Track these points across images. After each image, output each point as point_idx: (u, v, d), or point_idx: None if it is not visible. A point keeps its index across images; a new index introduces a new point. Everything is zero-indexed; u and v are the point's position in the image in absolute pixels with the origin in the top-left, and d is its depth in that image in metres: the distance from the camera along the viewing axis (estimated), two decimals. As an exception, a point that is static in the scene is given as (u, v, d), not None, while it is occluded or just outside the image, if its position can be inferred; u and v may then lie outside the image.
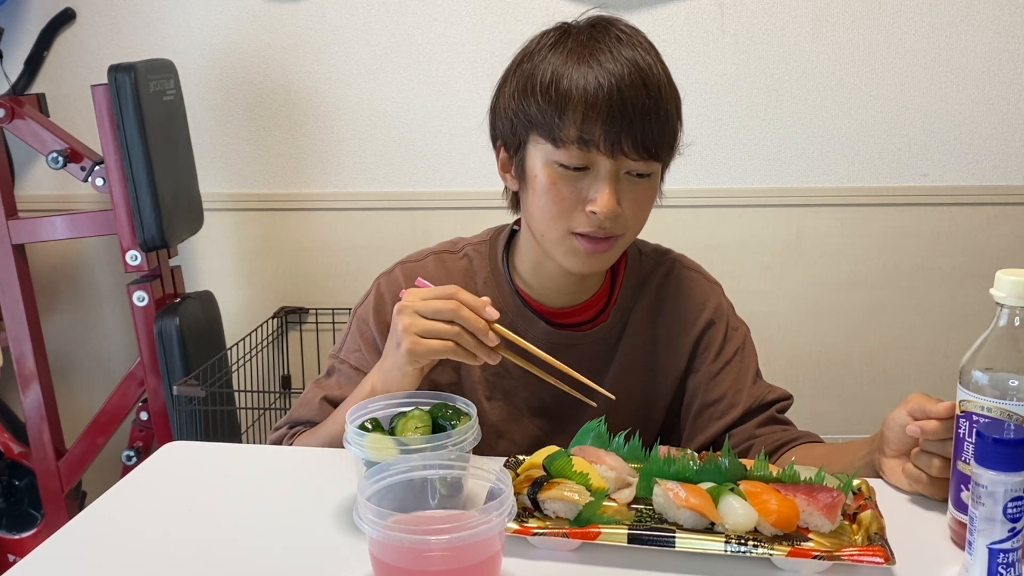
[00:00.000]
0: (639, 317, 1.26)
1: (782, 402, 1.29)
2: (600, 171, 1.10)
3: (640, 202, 1.14)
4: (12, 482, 2.43)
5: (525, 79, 1.13)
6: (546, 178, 1.12)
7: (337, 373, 1.27)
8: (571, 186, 1.11)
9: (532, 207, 1.16)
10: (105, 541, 0.99)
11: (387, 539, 0.81)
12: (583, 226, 1.12)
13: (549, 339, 1.22)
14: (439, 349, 1.03)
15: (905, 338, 2.36)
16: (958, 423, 0.94)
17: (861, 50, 2.25)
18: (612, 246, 1.14)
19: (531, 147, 1.14)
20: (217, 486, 1.11)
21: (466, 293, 1.03)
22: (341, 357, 1.27)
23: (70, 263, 2.52)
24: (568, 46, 1.11)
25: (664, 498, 0.94)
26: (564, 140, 1.09)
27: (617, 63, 1.08)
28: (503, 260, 1.26)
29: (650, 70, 1.10)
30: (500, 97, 1.18)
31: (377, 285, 1.28)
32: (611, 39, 1.10)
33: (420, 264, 1.28)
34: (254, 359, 2.29)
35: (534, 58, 1.13)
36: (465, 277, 1.26)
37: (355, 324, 1.27)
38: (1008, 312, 0.90)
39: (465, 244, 1.30)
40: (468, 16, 2.30)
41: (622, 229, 1.13)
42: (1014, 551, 0.81)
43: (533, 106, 1.11)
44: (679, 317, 1.27)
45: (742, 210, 2.34)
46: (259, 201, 2.44)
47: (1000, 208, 2.30)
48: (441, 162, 2.38)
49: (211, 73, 2.39)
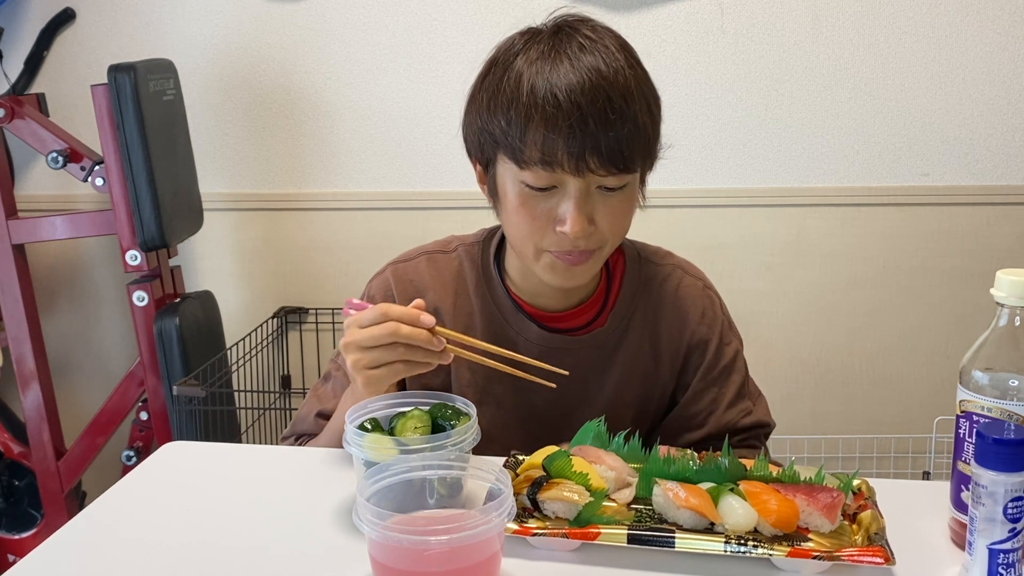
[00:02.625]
0: (638, 324, 1.24)
1: (757, 429, 1.26)
2: (568, 190, 1.06)
3: (616, 214, 1.09)
4: (12, 482, 2.43)
5: (489, 96, 1.09)
6: (516, 198, 1.09)
7: (332, 381, 1.26)
8: (541, 205, 1.07)
9: (507, 225, 1.14)
10: (105, 541, 0.99)
11: (386, 540, 0.81)
12: (556, 245, 1.09)
13: (543, 342, 1.20)
14: (391, 374, 1.01)
15: (905, 338, 2.36)
16: (958, 423, 0.93)
17: (861, 50, 2.25)
18: (589, 259, 1.11)
19: (500, 165, 1.11)
20: (217, 486, 1.11)
21: (396, 308, 1.00)
22: (338, 363, 1.26)
23: (70, 263, 2.52)
24: (530, 56, 1.06)
25: (664, 498, 0.94)
26: (528, 161, 1.04)
27: (577, 73, 1.03)
28: (495, 263, 1.24)
29: (616, 76, 1.04)
30: (468, 113, 1.14)
31: (369, 288, 1.27)
32: (573, 47, 1.05)
33: (411, 264, 1.26)
34: (254, 359, 2.29)
35: (497, 71, 1.09)
36: (457, 278, 1.24)
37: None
38: (1008, 312, 0.90)
39: (458, 244, 1.27)
40: (468, 16, 2.30)
41: (598, 244, 1.10)
42: (1014, 551, 0.81)
43: (496, 127, 1.07)
44: (676, 326, 1.24)
45: (742, 210, 2.34)
46: (259, 201, 2.44)
47: (1000, 208, 2.30)
48: (441, 162, 2.38)
49: (211, 73, 2.39)
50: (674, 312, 1.24)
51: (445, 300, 1.23)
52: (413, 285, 1.24)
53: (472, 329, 1.22)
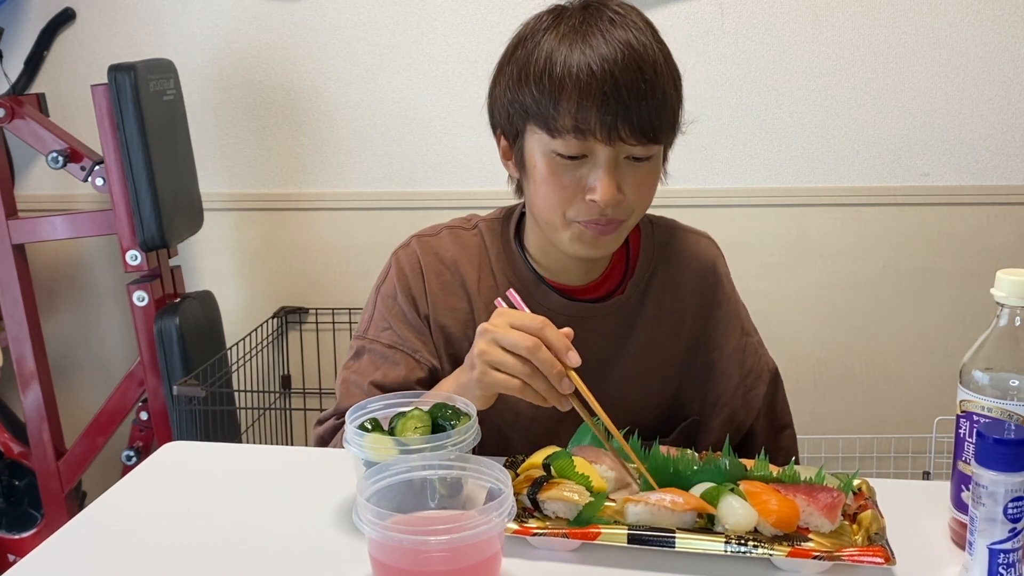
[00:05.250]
0: (657, 288, 1.26)
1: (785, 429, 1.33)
2: (598, 158, 1.09)
3: (642, 185, 1.13)
4: (12, 482, 2.43)
5: (519, 68, 1.11)
6: (545, 168, 1.11)
7: (369, 353, 1.23)
8: (570, 175, 1.10)
9: (534, 196, 1.15)
10: (105, 541, 0.99)
11: (386, 539, 0.81)
12: (585, 214, 1.11)
13: (564, 311, 1.21)
14: (506, 385, 1.00)
15: (905, 338, 2.36)
16: (958, 423, 0.93)
17: (861, 50, 2.25)
18: (616, 229, 1.13)
19: (529, 136, 1.13)
20: (217, 486, 1.11)
21: (554, 330, 0.98)
22: (370, 338, 1.24)
23: (70, 263, 2.52)
24: (560, 31, 1.10)
25: (650, 514, 0.93)
26: (560, 130, 1.08)
27: (610, 46, 1.06)
28: (515, 238, 1.26)
29: (645, 51, 1.08)
30: (496, 86, 1.17)
31: (396, 259, 1.27)
32: (604, 21, 1.09)
33: (436, 238, 1.27)
34: (254, 359, 2.28)
35: (527, 44, 1.12)
36: (480, 253, 1.26)
37: (380, 303, 1.25)
38: (1008, 312, 0.90)
39: (479, 220, 1.29)
40: (468, 16, 2.30)
41: (625, 214, 1.13)
42: (1014, 551, 0.81)
43: (528, 96, 1.10)
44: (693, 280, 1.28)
45: (742, 210, 2.34)
46: (259, 201, 2.44)
47: (1000, 208, 2.30)
48: (441, 162, 2.38)
49: (211, 73, 2.39)
50: (688, 267, 1.27)
51: (471, 274, 1.24)
52: (439, 258, 1.25)
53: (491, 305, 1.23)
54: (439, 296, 1.23)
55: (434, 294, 1.23)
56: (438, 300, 1.23)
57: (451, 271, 1.24)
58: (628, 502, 0.94)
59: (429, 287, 1.23)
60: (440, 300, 1.23)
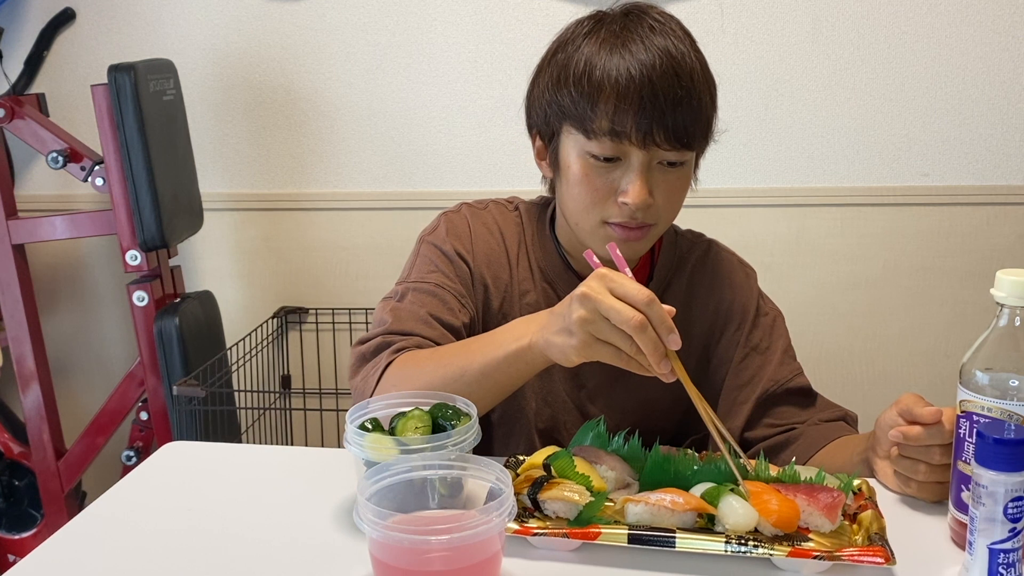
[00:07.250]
0: (675, 297, 1.27)
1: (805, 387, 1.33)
2: (632, 162, 1.11)
3: (673, 191, 1.15)
4: (12, 482, 2.43)
5: (559, 70, 1.13)
6: (579, 169, 1.13)
7: (415, 291, 1.20)
8: (603, 177, 1.12)
9: (566, 196, 1.17)
10: (105, 541, 0.99)
11: (387, 539, 0.81)
12: (616, 216, 1.13)
13: None
14: (606, 356, 0.95)
15: (905, 338, 2.36)
16: (958, 423, 0.94)
17: (861, 50, 2.25)
18: (645, 235, 1.15)
19: (564, 137, 1.15)
20: (217, 486, 1.11)
21: (660, 307, 0.91)
22: (415, 279, 1.22)
23: (70, 263, 2.52)
24: (601, 36, 1.12)
25: (651, 514, 0.93)
26: (596, 131, 1.09)
27: (649, 53, 1.08)
28: (550, 228, 1.28)
29: (683, 59, 1.10)
30: (535, 87, 1.19)
31: (447, 217, 1.29)
32: (644, 28, 1.11)
33: (485, 210, 1.30)
34: (254, 359, 2.28)
35: (568, 48, 1.14)
36: (518, 232, 1.28)
37: (426, 249, 1.26)
38: (1008, 312, 0.90)
39: (519, 203, 1.32)
40: (468, 16, 2.29)
41: (654, 219, 1.14)
42: (1014, 551, 0.81)
43: (566, 97, 1.12)
44: (713, 297, 1.29)
45: (742, 210, 2.34)
46: (259, 201, 2.44)
47: (1000, 208, 2.30)
48: (441, 162, 2.38)
49: (211, 73, 2.39)
50: (710, 283, 1.29)
51: (512, 248, 1.27)
52: (487, 227, 1.28)
53: (525, 282, 1.26)
54: (484, 259, 1.26)
55: (480, 255, 1.25)
56: (482, 262, 1.25)
57: (496, 240, 1.27)
58: (628, 502, 0.94)
59: (476, 248, 1.26)
60: (484, 263, 1.25)
